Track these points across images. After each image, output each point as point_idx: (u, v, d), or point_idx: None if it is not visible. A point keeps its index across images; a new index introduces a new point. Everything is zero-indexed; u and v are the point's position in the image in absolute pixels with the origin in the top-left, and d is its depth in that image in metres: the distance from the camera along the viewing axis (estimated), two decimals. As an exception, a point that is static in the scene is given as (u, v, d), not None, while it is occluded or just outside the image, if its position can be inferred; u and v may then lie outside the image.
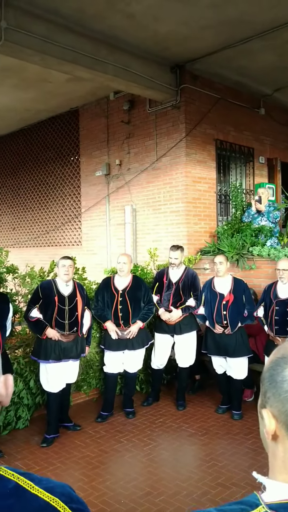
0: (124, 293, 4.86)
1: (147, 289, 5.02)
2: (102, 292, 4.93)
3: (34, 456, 4.06)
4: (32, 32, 5.11)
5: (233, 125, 7.67)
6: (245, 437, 4.43)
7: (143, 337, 4.94)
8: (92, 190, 8.60)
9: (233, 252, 6.07)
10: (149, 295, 5.01)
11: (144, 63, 6.37)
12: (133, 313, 4.85)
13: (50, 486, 0.78)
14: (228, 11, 5.24)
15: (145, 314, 4.92)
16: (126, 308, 4.83)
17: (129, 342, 4.85)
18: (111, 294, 4.88)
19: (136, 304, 4.88)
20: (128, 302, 4.84)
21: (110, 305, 4.86)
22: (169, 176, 7.16)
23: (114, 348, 4.85)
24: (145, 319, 4.91)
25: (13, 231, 10.98)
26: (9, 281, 4.82)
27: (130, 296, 4.86)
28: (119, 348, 4.85)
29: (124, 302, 4.84)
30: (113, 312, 4.84)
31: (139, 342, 4.89)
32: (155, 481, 3.64)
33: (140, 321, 4.87)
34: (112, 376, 4.94)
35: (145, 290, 4.98)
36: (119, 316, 4.82)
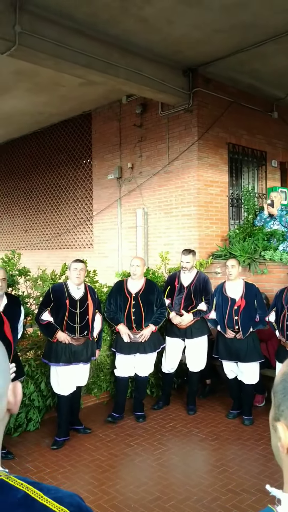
0: (137, 297, 4.87)
1: (160, 293, 5.02)
2: (115, 295, 4.93)
3: (45, 459, 4.07)
4: (45, 36, 5.15)
5: (245, 128, 7.64)
6: (255, 443, 4.40)
7: (155, 341, 4.93)
8: (104, 193, 8.63)
9: (245, 256, 6.04)
10: (161, 298, 5.01)
11: (157, 67, 6.38)
12: (146, 316, 4.85)
13: (59, 496, 0.77)
14: (240, 14, 5.23)
15: (158, 317, 4.92)
16: (139, 312, 4.83)
17: (141, 346, 4.84)
18: (124, 297, 4.88)
19: (149, 308, 4.87)
20: (141, 306, 4.84)
21: (123, 308, 4.86)
22: (181, 180, 7.15)
23: (126, 351, 4.85)
24: (157, 323, 4.91)
25: (25, 234, 11.06)
26: (21, 284, 4.85)
27: (143, 300, 4.86)
28: (131, 351, 4.85)
29: (137, 306, 4.84)
30: (126, 315, 4.84)
31: (151, 346, 4.88)
32: (165, 486, 3.63)
33: (153, 324, 4.86)
34: (123, 379, 4.94)
35: (158, 293, 4.98)
36: (132, 320, 4.82)
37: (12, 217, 11.58)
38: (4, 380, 0.83)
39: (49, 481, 3.68)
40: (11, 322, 3.92)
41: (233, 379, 5.00)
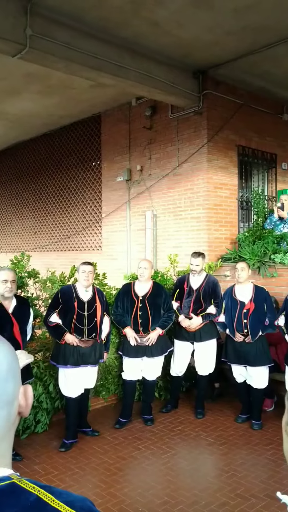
0: (144, 299, 4.84)
1: (167, 296, 4.99)
2: (122, 298, 4.91)
3: (53, 461, 4.07)
4: (56, 39, 5.17)
5: (255, 131, 7.61)
6: (265, 447, 4.36)
7: (162, 345, 4.90)
8: (113, 195, 8.64)
9: (254, 260, 6.00)
10: (169, 302, 4.97)
11: (167, 69, 6.38)
12: (153, 319, 4.82)
13: (70, 500, 0.77)
14: (251, 17, 5.22)
15: (165, 321, 4.89)
16: (146, 315, 4.81)
17: (148, 349, 4.81)
18: (131, 300, 4.86)
19: (156, 311, 4.85)
20: (148, 309, 4.82)
21: (130, 311, 4.84)
22: (190, 182, 7.14)
23: (133, 354, 4.82)
24: (164, 326, 4.88)
25: (34, 235, 11.10)
26: (30, 286, 4.86)
27: (150, 303, 4.83)
28: (138, 354, 4.83)
29: (144, 309, 4.82)
30: (132, 318, 4.82)
31: (158, 350, 4.85)
32: (173, 490, 3.61)
33: (160, 328, 4.83)
34: (131, 383, 4.92)
35: (165, 296, 4.94)
36: (138, 323, 4.80)
37: (22, 218, 11.64)
38: (15, 384, 0.83)
39: (57, 484, 3.68)
40: (20, 323, 3.94)
41: (242, 383, 4.96)
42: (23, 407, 0.85)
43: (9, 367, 0.81)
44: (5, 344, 0.84)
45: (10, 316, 3.89)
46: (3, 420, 0.79)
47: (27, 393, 0.87)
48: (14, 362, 0.83)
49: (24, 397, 0.86)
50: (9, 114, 8.84)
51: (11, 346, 0.85)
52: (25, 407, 0.86)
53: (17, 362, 0.84)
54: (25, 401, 0.86)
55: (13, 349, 0.85)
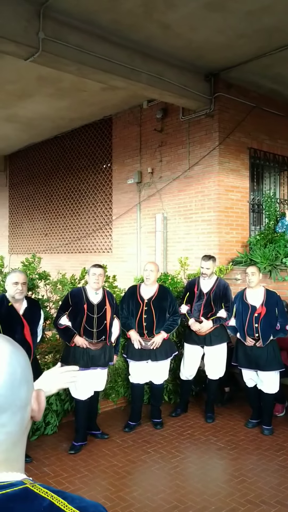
0: (149, 303, 4.77)
1: (173, 300, 4.92)
2: (128, 301, 4.86)
3: (62, 463, 4.07)
4: (68, 42, 5.20)
5: (267, 133, 7.57)
6: (275, 453, 4.31)
7: (166, 349, 4.82)
8: (124, 197, 8.65)
9: (266, 263, 5.96)
10: (175, 305, 4.90)
11: (178, 72, 6.38)
12: (158, 323, 4.75)
13: (83, 506, 0.77)
14: (264, 19, 5.20)
15: (170, 325, 4.82)
16: (151, 318, 4.75)
17: (152, 353, 4.74)
18: (137, 303, 4.80)
19: (161, 314, 4.78)
20: (153, 312, 4.75)
21: (135, 314, 4.78)
22: (201, 185, 7.12)
23: (137, 358, 4.76)
24: (169, 330, 4.81)
25: (45, 237, 11.16)
26: (40, 287, 4.88)
27: (156, 306, 4.77)
28: (142, 358, 4.76)
29: (149, 312, 4.75)
30: (137, 321, 4.75)
31: (162, 354, 4.77)
32: (182, 494, 3.58)
33: (164, 332, 4.76)
34: (138, 386, 4.88)
35: (171, 300, 4.88)
36: (143, 326, 4.73)
37: (33, 220, 11.71)
38: (28, 389, 0.83)
39: (66, 486, 3.67)
40: (31, 325, 3.95)
41: (253, 388, 4.92)
42: (36, 411, 0.86)
43: (23, 373, 0.81)
44: (18, 349, 0.84)
45: (21, 318, 3.90)
46: (17, 425, 0.79)
47: (40, 398, 0.87)
48: (27, 367, 0.83)
49: (36, 402, 0.86)
50: (21, 117, 8.90)
51: (23, 351, 0.85)
52: (37, 412, 0.86)
53: (29, 367, 0.85)
54: (38, 406, 0.86)
55: (26, 354, 0.85)
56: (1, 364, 0.78)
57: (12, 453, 0.79)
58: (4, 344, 0.82)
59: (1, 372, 0.78)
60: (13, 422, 0.78)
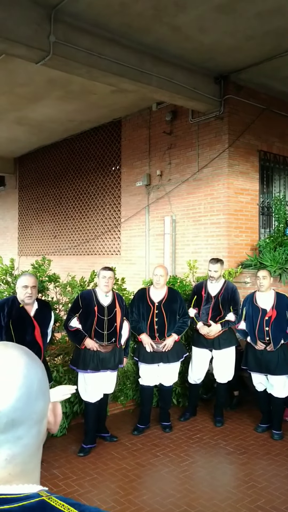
0: (160, 305, 4.80)
1: (182, 302, 4.95)
2: (138, 304, 4.87)
3: (71, 465, 4.07)
4: (79, 45, 5.22)
5: (277, 136, 7.53)
6: (286, 458, 4.28)
7: (178, 350, 4.86)
8: (132, 200, 8.65)
9: (275, 266, 5.93)
10: (184, 307, 4.94)
11: (188, 74, 6.37)
12: (169, 325, 4.78)
13: None
14: (274, 21, 5.18)
15: (180, 327, 4.85)
16: (162, 321, 4.77)
17: (164, 355, 4.78)
18: (147, 306, 4.82)
19: (172, 317, 4.81)
20: (164, 315, 4.78)
21: (146, 317, 4.80)
22: (210, 187, 7.10)
23: (149, 361, 4.79)
24: (180, 332, 4.84)
25: (54, 239, 11.19)
26: (50, 290, 4.89)
27: (166, 309, 4.80)
28: (154, 361, 4.79)
29: (160, 315, 4.78)
30: (148, 324, 4.78)
31: (174, 355, 4.82)
32: (192, 499, 3.56)
33: (175, 334, 4.79)
34: (148, 388, 4.89)
35: (180, 302, 4.91)
36: (154, 329, 4.76)
37: (42, 222, 11.75)
38: (45, 401, 0.82)
39: (75, 489, 3.67)
40: (41, 327, 3.96)
41: (262, 392, 4.89)
42: (52, 423, 0.85)
43: (39, 386, 0.80)
44: (35, 361, 0.83)
45: (32, 320, 3.91)
46: (34, 438, 0.79)
47: (56, 411, 0.86)
48: (44, 379, 0.82)
49: (53, 414, 0.85)
50: (31, 119, 8.95)
51: (40, 362, 0.85)
52: (53, 424, 0.85)
53: (46, 379, 0.84)
54: (54, 418, 0.85)
55: (42, 365, 0.85)
56: (17, 377, 0.77)
57: (29, 465, 0.79)
58: (21, 355, 0.81)
59: (18, 385, 0.77)
60: (30, 435, 0.78)
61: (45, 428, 0.84)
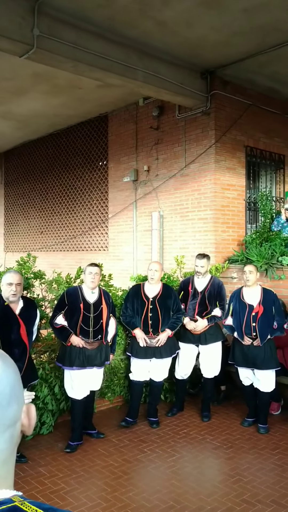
0: (154, 301, 4.83)
1: (176, 297, 4.97)
2: (132, 299, 4.90)
3: (58, 463, 4.06)
4: (63, 39, 5.15)
5: (263, 131, 7.55)
6: (271, 452, 4.31)
7: (171, 346, 4.89)
8: (120, 195, 8.62)
9: (262, 262, 5.95)
10: (178, 303, 4.96)
11: (175, 69, 6.35)
12: (163, 321, 4.81)
13: None
14: (260, 17, 5.17)
15: (174, 322, 4.87)
16: (157, 316, 4.79)
17: (157, 350, 4.80)
18: (142, 302, 4.85)
19: (166, 312, 4.84)
20: (158, 310, 4.81)
21: (140, 312, 4.83)
22: (197, 183, 7.10)
23: (142, 355, 4.81)
24: (174, 328, 4.86)
25: (41, 235, 11.11)
26: (36, 287, 4.85)
27: (161, 304, 4.82)
28: (147, 356, 4.81)
29: (154, 310, 4.80)
30: (143, 319, 4.81)
31: (167, 351, 4.84)
32: (178, 494, 3.57)
33: (169, 329, 4.82)
34: (138, 384, 4.90)
35: (174, 298, 4.93)
36: (149, 324, 4.78)
37: (28, 218, 11.65)
38: (18, 405, 0.81)
39: (62, 486, 3.66)
40: (27, 325, 3.92)
41: (249, 386, 4.92)
42: (26, 426, 0.84)
43: (12, 390, 0.79)
44: (8, 364, 0.81)
45: (17, 318, 3.87)
46: (6, 442, 0.77)
47: (30, 413, 0.85)
48: (17, 383, 0.81)
49: (27, 417, 0.84)
50: (16, 114, 8.84)
51: (13, 364, 0.83)
52: (27, 427, 0.84)
53: (19, 382, 0.82)
54: (28, 421, 0.84)
55: (16, 367, 0.83)
56: None
57: (1, 470, 0.77)
58: None
59: None
60: (2, 440, 0.76)
61: (19, 432, 0.82)
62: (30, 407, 0.85)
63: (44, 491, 3.59)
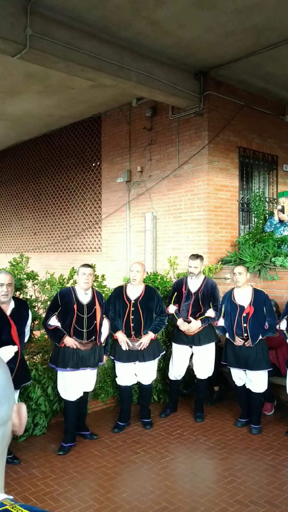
0: (136, 303, 4.71)
1: (159, 300, 4.87)
2: (114, 302, 4.78)
3: (51, 464, 4.03)
4: (56, 39, 5.13)
5: (256, 132, 7.58)
6: (264, 452, 4.32)
7: (154, 349, 4.79)
8: (113, 196, 8.60)
9: (255, 262, 5.97)
10: (161, 305, 4.85)
11: (168, 70, 6.35)
12: (145, 323, 4.70)
13: None
14: (254, 17, 5.18)
15: (157, 325, 4.78)
16: (138, 318, 4.69)
17: (140, 354, 4.70)
18: (123, 304, 4.74)
19: (148, 315, 4.73)
20: (140, 312, 4.70)
21: (122, 314, 4.72)
22: (190, 184, 7.10)
23: (125, 359, 4.71)
24: (157, 330, 4.77)
25: (34, 236, 11.07)
26: (29, 287, 4.82)
27: (143, 306, 4.71)
28: (130, 359, 4.71)
29: (136, 312, 4.70)
30: (124, 322, 4.70)
31: (150, 354, 4.74)
32: (172, 495, 3.57)
33: (152, 332, 4.72)
34: (126, 388, 4.83)
35: (157, 300, 4.82)
36: (130, 327, 4.68)
37: (21, 219, 11.60)
38: (9, 406, 0.80)
39: (55, 488, 3.64)
40: (18, 326, 3.90)
41: (242, 387, 4.93)
42: (17, 426, 0.83)
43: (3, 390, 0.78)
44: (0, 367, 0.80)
45: (8, 319, 3.84)
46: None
47: (21, 413, 0.84)
48: (7, 383, 0.80)
49: (17, 416, 0.82)
50: (9, 114, 8.80)
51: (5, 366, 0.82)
52: (19, 426, 0.83)
53: (10, 382, 0.81)
54: (19, 420, 0.83)
55: (8, 369, 0.82)
56: None
57: None
58: None
59: None
60: None
61: (10, 431, 0.81)
62: (20, 407, 0.84)
63: (37, 493, 3.57)
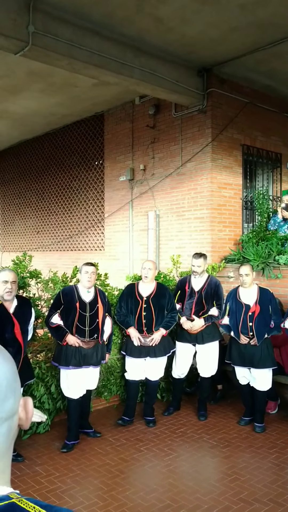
0: (148, 300, 4.81)
1: (171, 297, 4.95)
2: (126, 299, 4.88)
3: (54, 462, 4.03)
4: (59, 36, 5.12)
5: (260, 130, 7.54)
6: (268, 451, 4.30)
7: (165, 345, 4.87)
8: (116, 195, 8.59)
9: (258, 261, 5.94)
10: (172, 302, 4.94)
11: (171, 67, 6.32)
12: (157, 320, 4.79)
13: None
14: (258, 13, 5.15)
15: (168, 321, 4.85)
16: (150, 315, 4.78)
17: (151, 350, 4.79)
18: (135, 301, 4.83)
19: (160, 311, 4.81)
20: (152, 309, 4.79)
21: (134, 311, 4.81)
22: (194, 182, 7.08)
23: (136, 354, 4.79)
24: (168, 327, 4.84)
25: (37, 235, 11.07)
26: (32, 286, 4.82)
27: (155, 303, 4.80)
28: (141, 355, 4.80)
29: (148, 309, 4.79)
30: (136, 318, 4.79)
31: (161, 350, 4.82)
32: (175, 493, 3.56)
33: (163, 328, 4.80)
34: (134, 383, 4.89)
35: (169, 297, 4.91)
36: (142, 323, 4.77)
37: (24, 218, 11.61)
38: (15, 399, 0.79)
39: (58, 485, 3.64)
40: (21, 324, 3.89)
41: (246, 385, 4.91)
42: (23, 420, 0.83)
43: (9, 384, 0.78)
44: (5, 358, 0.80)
45: (11, 317, 3.84)
46: (3, 436, 0.76)
47: (27, 406, 0.83)
48: (13, 376, 0.79)
49: (24, 410, 0.82)
50: (12, 112, 8.80)
51: (10, 358, 0.81)
52: (25, 420, 0.83)
53: (17, 375, 0.81)
54: (25, 414, 0.82)
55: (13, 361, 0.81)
56: None
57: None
58: None
59: None
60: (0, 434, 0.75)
61: (16, 425, 0.81)
62: (27, 400, 0.84)
63: (40, 490, 3.57)
